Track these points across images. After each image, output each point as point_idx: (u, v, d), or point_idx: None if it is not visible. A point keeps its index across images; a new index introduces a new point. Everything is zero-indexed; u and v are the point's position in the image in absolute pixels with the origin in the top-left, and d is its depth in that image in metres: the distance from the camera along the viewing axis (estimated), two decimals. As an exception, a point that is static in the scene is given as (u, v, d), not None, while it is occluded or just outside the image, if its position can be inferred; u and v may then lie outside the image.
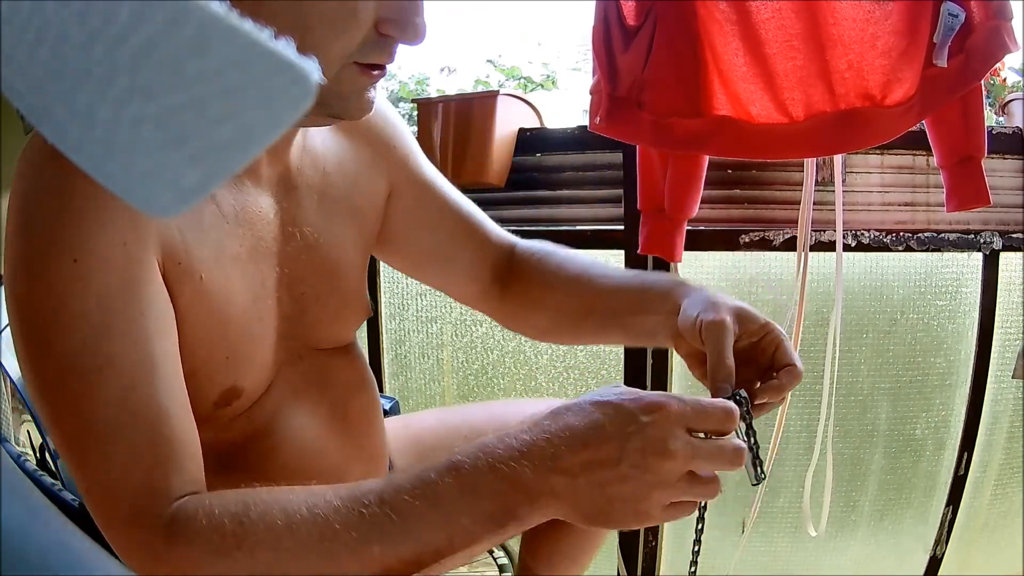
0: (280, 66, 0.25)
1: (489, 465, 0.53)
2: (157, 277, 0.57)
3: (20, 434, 1.40)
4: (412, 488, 0.53)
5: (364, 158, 0.77)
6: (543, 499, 0.53)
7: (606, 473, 0.52)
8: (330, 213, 0.72)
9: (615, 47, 1.17)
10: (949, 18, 1.04)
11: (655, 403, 0.53)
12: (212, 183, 0.27)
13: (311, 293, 0.71)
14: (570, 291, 0.84)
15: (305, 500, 0.54)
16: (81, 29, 0.25)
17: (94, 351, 0.53)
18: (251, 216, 0.64)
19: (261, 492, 0.55)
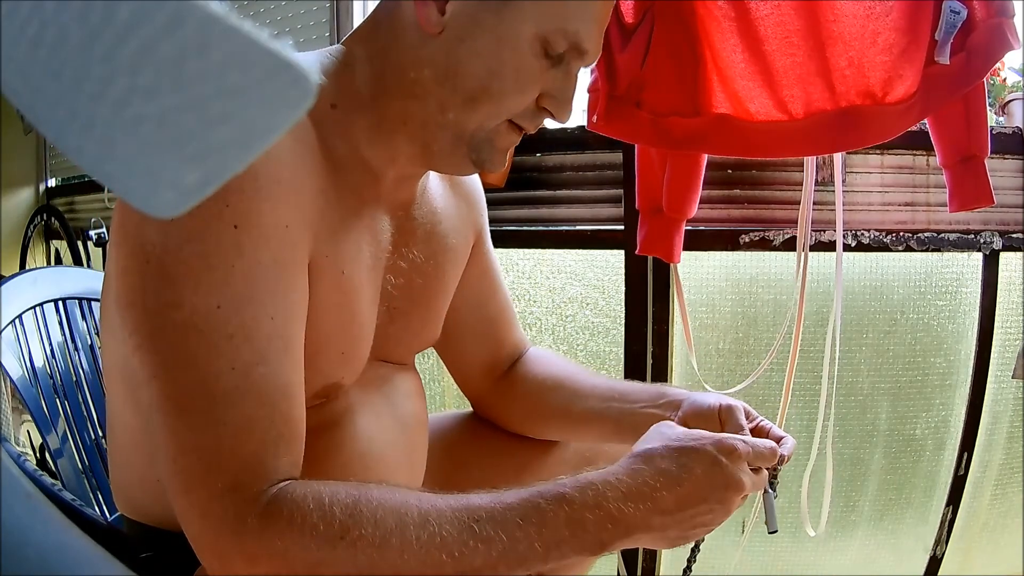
0: (280, 66, 0.25)
1: (596, 502, 0.58)
2: (305, 265, 0.59)
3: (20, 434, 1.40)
4: (522, 511, 0.57)
5: (461, 213, 0.84)
6: (639, 534, 0.60)
7: (697, 509, 0.61)
8: (434, 246, 0.77)
9: (613, 46, 1.17)
10: (951, 15, 1.04)
11: (731, 447, 0.63)
12: (212, 183, 0.27)
13: (402, 309, 0.75)
14: (565, 380, 0.90)
15: (417, 505, 0.55)
16: (81, 29, 0.25)
17: (227, 318, 0.53)
18: (378, 232, 0.70)
19: (371, 487, 0.56)
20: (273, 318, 0.55)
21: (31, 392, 0.93)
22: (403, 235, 0.73)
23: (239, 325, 0.53)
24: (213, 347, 0.53)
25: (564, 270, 1.50)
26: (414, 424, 0.79)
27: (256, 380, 0.54)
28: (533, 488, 0.59)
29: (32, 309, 0.96)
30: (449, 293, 0.84)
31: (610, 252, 1.41)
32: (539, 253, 1.50)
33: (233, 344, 0.53)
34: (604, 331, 1.48)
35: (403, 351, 0.80)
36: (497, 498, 0.57)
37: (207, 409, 0.53)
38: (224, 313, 0.53)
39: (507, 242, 1.47)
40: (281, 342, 0.55)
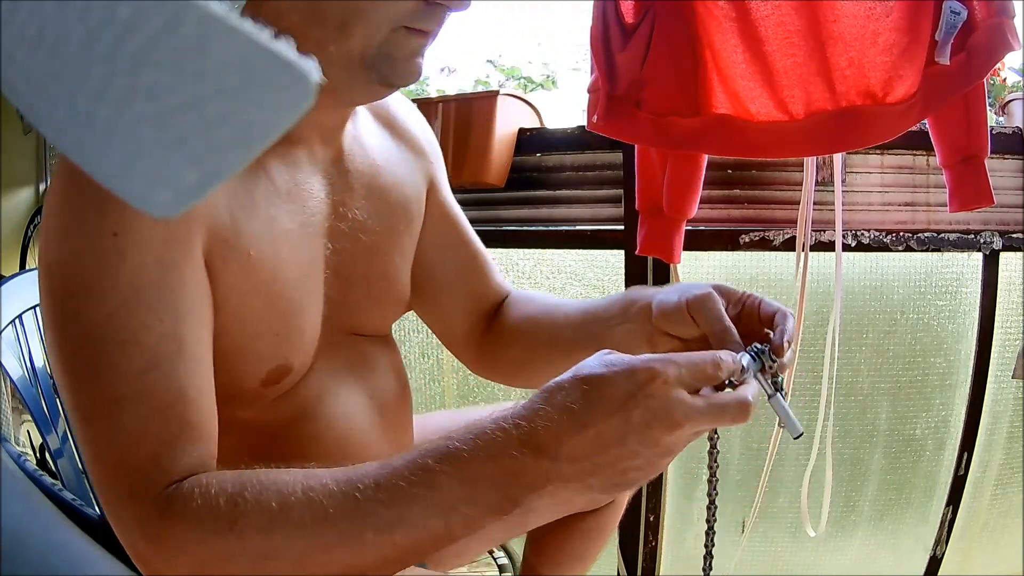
0: (280, 66, 0.25)
1: (489, 455, 0.51)
2: (197, 261, 0.57)
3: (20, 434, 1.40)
4: (410, 474, 0.52)
5: (407, 159, 0.80)
6: (550, 485, 0.51)
7: (614, 452, 0.50)
8: (378, 200, 0.73)
9: (613, 46, 1.16)
10: (951, 15, 1.04)
11: (648, 371, 0.50)
12: (212, 183, 0.27)
13: (357, 274, 0.72)
14: (541, 317, 0.85)
15: (301, 482, 0.53)
16: (81, 29, 0.25)
17: (118, 325, 0.53)
18: (303, 193, 0.66)
19: (259, 473, 0.54)
20: (162, 320, 0.54)
21: (31, 392, 0.93)
22: (338, 193, 0.70)
23: (128, 331, 0.53)
24: (106, 356, 0.53)
25: (564, 270, 1.50)
26: (393, 401, 0.77)
27: (148, 385, 0.53)
28: (422, 447, 0.53)
29: (32, 309, 0.96)
30: (407, 250, 0.79)
31: (610, 252, 1.41)
32: (539, 253, 1.50)
33: (124, 351, 0.53)
34: (604, 331, 1.48)
35: (373, 320, 0.77)
36: (386, 464, 0.53)
37: (106, 419, 0.53)
38: (115, 321, 0.53)
39: (507, 242, 1.47)
40: (173, 343, 0.55)
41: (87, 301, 0.54)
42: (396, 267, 0.77)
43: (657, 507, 1.41)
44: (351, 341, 0.74)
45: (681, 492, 1.46)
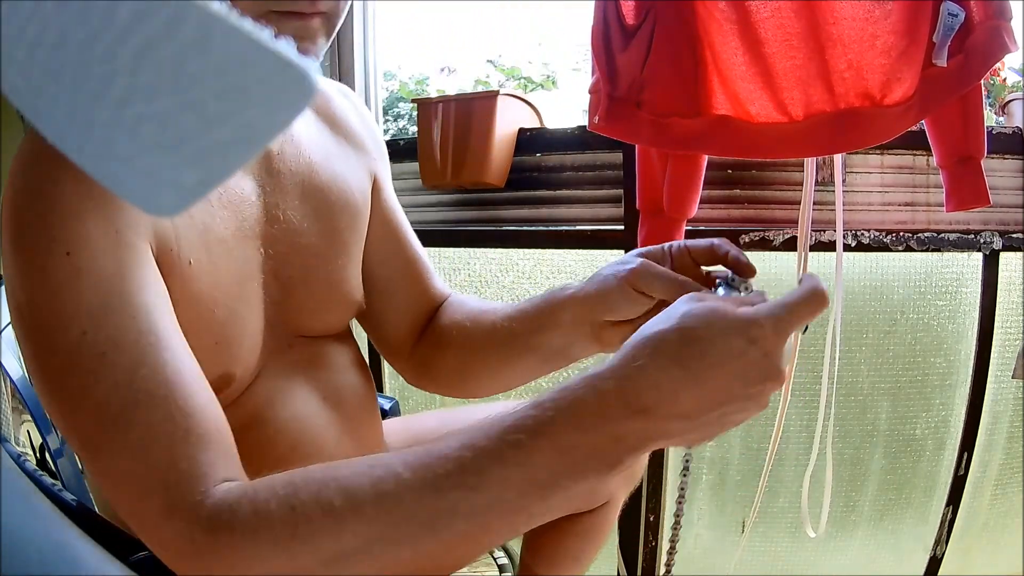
0: (280, 66, 0.25)
1: (589, 422, 0.47)
2: (151, 261, 0.57)
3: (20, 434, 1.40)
4: (500, 454, 0.47)
5: (348, 155, 0.77)
6: (653, 444, 0.49)
7: (724, 407, 0.48)
8: (316, 201, 0.71)
9: (614, 46, 1.17)
10: (949, 18, 1.04)
11: (760, 328, 0.48)
12: (212, 183, 0.27)
13: (297, 276, 0.70)
14: (470, 324, 0.82)
15: (368, 473, 0.48)
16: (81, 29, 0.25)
17: (95, 338, 0.52)
18: (234, 198, 0.64)
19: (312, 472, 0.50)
20: (135, 318, 0.53)
21: (31, 392, 0.93)
22: (271, 196, 0.68)
23: (105, 340, 0.52)
24: (92, 373, 0.51)
25: (564, 270, 1.50)
26: (352, 397, 0.75)
27: (140, 386, 0.51)
28: (505, 420, 0.49)
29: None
30: (352, 249, 0.77)
31: (610, 252, 1.41)
32: (539, 253, 1.50)
33: (106, 361, 0.51)
34: (604, 331, 1.48)
35: (319, 322, 0.74)
36: (465, 444, 0.48)
37: (110, 437, 0.51)
38: (90, 336, 0.52)
39: (507, 242, 1.47)
40: (152, 337, 0.53)
41: (58, 330, 0.52)
42: (340, 268, 0.75)
43: (657, 507, 1.41)
44: (301, 342, 0.72)
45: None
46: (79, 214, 0.53)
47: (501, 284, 1.54)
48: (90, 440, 0.52)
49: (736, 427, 0.51)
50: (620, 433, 0.47)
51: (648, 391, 0.47)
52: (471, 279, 1.56)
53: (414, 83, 2.09)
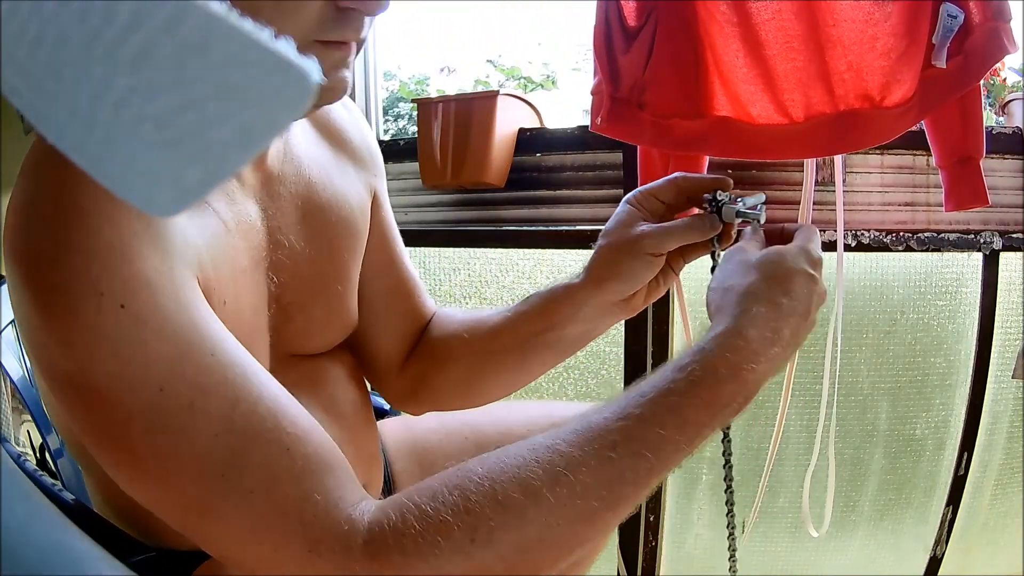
0: (280, 66, 0.25)
1: (728, 372, 0.54)
2: (203, 297, 0.51)
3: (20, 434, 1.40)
4: (659, 419, 0.50)
5: (348, 171, 0.75)
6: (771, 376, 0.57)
7: (804, 329, 0.60)
8: (316, 222, 0.68)
9: (616, 48, 1.17)
10: (948, 19, 1.04)
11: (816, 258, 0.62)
12: (212, 183, 0.27)
13: (299, 302, 0.67)
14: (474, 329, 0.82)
15: (534, 459, 0.48)
16: (81, 29, 0.25)
17: (176, 390, 0.45)
18: (246, 227, 0.61)
19: (470, 469, 0.48)
20: (213, 353, 0.47)
21: (31, 392, 0.93)
22: (273, 220, 0.64)
23: (189, 388, 0.46)
24: (182, 429, 0.45)
25: (564, 270, 1.50)
26: (350, 409, 0.74)
27: (242, 424, 0.46)
28: (657, 385, 0.52)
29: (32, 309, 0.96)
30: (350, 273, 0.74)
31: (610, 252, 1.41)
32: (539, 253, 1.50)
33: (197, 410, 0.46)
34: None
35: (317, 344, 0.72)
36: (621, 414, 0.50)
37: (225, 488, 0.45)
38: (170, 390, 0.45)
39: (507, 242, 1.47)
40: (238, 368, 0.48)
41: (127, 392, 0.45)
42: (339, 292, 0.73)
43: (657, 507, 1.41)
44: (296, 361, 0.70)
45: (681, 492, 1.46)
46: (125, 254, 0.46)
47: (501, 284, 1.54)
48: (197, 503, 0.46)
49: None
50: (747, 378, 0.54)
51: (760, 337, 0.56)
52: (471, 279, 1.56)
53: (414, 83, 2.09)
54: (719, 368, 0.53)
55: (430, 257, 1.57)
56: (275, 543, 0.45)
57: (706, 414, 0.52)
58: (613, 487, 0.48)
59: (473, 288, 1.56)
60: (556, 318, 0.77)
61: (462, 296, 1.56)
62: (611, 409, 0.51)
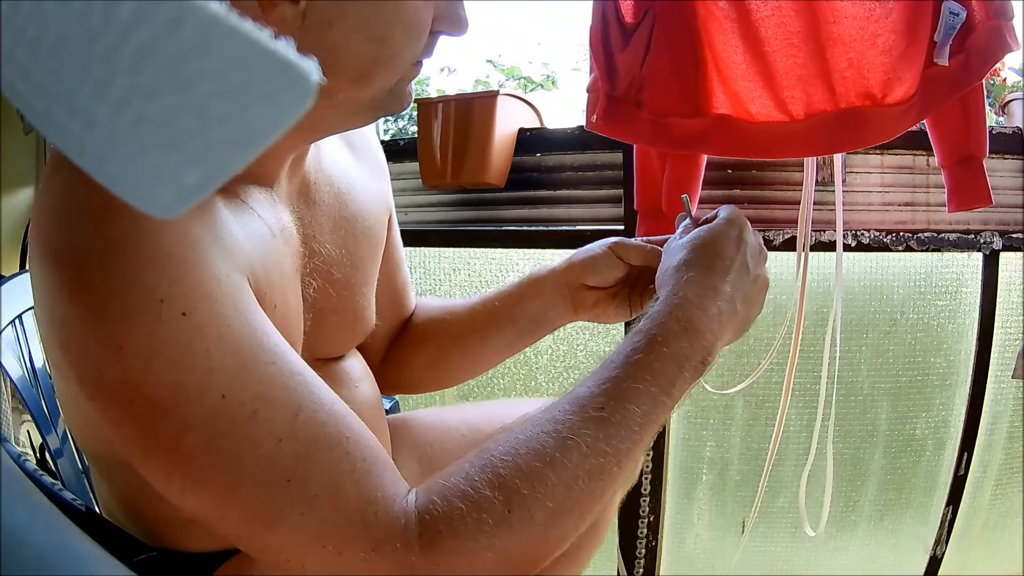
0: (280, 66, 0.25)
1: (681, 328, 0.60)
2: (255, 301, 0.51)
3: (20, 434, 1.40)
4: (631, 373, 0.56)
5: (370, 184, 0.77)
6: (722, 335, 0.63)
7: (747, 284, 0.66)
8: (345, 232, 0.70)
9: (613, 46, 1.16)
10: (950, 17, 1.04)
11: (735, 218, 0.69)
12: (212, 183, 0.27)
13: (328, 308, 0.69)
14: (444, 315, 0.89)
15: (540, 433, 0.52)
16: (81, 29, 0.25)
17: (240, 399, 0.45)
18: (286, 233, 0.62)
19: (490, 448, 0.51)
20: (275, 362, 0.47)
21: (31, 392, 0.93)
22: (308, 228, 0.66)
23: (252, 397, 0.46)
24: (246, 439, 0.45)
25: (564, 270, 1.50)
26: (366, 409, 0.76)
27: (305, 430, 0.46)
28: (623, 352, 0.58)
29: (32, 309, 0.96)
30: (372, 280, 0.77)
31: (610, 252, 1.41)
32: (539, 253, 1.50)
33: (260, 417, 0.45)
34: (604, 331, 1.48)
35: (339, 348, 0.75)
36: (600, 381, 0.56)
37: (292, 497, 0.45)
38: (232, 398, 0.45)
39: (507, 242, 1.47)
40: (299, 376, 0.49)
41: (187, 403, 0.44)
42: (365, 298, 0.75)
43: (657, 507, 1.41)
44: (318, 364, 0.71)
45: (681, 492, 1.46)
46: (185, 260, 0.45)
47: (501, 284, 1.54)
48: (261, 512, 0.46)
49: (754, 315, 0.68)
50: (700, 330, 0.60)
51: (700, 294, 0.62)
52: (471, 279, 1.56)
53: (414, 83, 2.09)
54: (670, 324, 0.60)
55: (430, 257, 1.56)
56: (339, 546, 0.46)
57: (672, 364, 0.58)
58: (612, 441, 0.53)
59: (473, 288, 1.56)
60: (522, 292, 0.85)
61: (462, 296, 1.56)
62: (591, 380, 0.57)
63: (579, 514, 0.52)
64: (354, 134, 0.78)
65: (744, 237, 0.67)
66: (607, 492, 0.53)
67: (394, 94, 0.59)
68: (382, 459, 0.50)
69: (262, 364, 0.47)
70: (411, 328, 0.91)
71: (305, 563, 0.47)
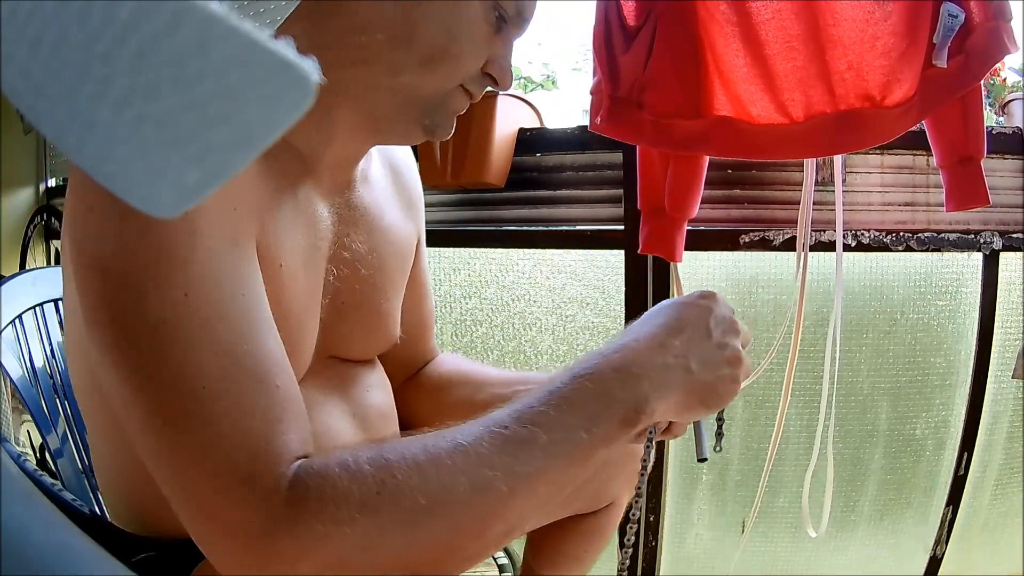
0: (281, 66, 0.25)
1: (612, 368, 0.56)
2: (255, 248, 0.55)
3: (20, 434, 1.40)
4: (546, 401, 0.53)
5: (403, 209, 0.81)
6: (664, 389, 0.57)
7: (706, 346, 0.60)
8: (379, 240, 0.74)
9: (616, 47, 1.17)
10: (949, 19, 1.04)
11: (702, 292, 0.63)
12: (212, 183, 0.27)
13: (352, 303, 0.71)
14: (471, 372, 0.89)
15: (439, 434, 0.51)
16: (81, 29, 0.25)
17: (197, 305, 0.48)
18: (310, 215, 0.65)
19: (390, 439, 0.53)
20: (244, 295, 0.51)
21: (31, 392, 0.93)
22: (343, 223, 0.69)
23: (210, 309, 0.49)
24: (188, 339, 0.48)
25: (564, 270, 1.50)
26: (376, 416, 0.77)
27: (241, 358, 0.49)
28: (545, 380, 0.56)
29: (32, 309, 0.96)
30: (399, 290, 0.80)
31: (610, 252, 1.41)
32: (539, 253, 1.50)
33: (208, 329, 0.48)
34: (604, 331, 1.48)
35: (360, 350, 0.77)
36: (517, 403, 0.54)
37: (197, 408, 0.47)
38: (192, 300, 0.48)
39: (507, 242, 1.47)
40: (258, 315, 0.52)
41: (159, 285, 0.48)
42: (390, 304, 0.78)
43: (657, 507, 1.41)
44: (334, 363, 0.74)
45: (681, 492, 1.46)
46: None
47: (501, 284, 1.54)
48: (168, 406, 0.48)
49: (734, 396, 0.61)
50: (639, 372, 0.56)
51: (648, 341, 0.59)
52: (471, 279, 1.56)
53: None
54: (600, 364, 0.56)
55: (430, 257, 1.56)
56: (218, 468, 0.47)
57: (596, 401, 0.54)
58: (506, 459, 0.50)
59: (473, 288, 1.56)
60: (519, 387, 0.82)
61: (462, 296, 1.56)
62: (509, 404, 0.55)
63: (453, 524, 0.49)
64: (395, 163, 0.81)
65: (711, 307, 0.62)
66: (492, 513, 0.50)
67: (444, 107, 0.65)
68: (300, 422, 0.51)
69: (230, 289, 0.50)
70: (432, 374, 0.92)
71: (186, 476, 0.48)
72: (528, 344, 1.52)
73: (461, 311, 1.56)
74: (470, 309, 1.56)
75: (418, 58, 0.60)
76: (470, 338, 1.56)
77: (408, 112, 0.64)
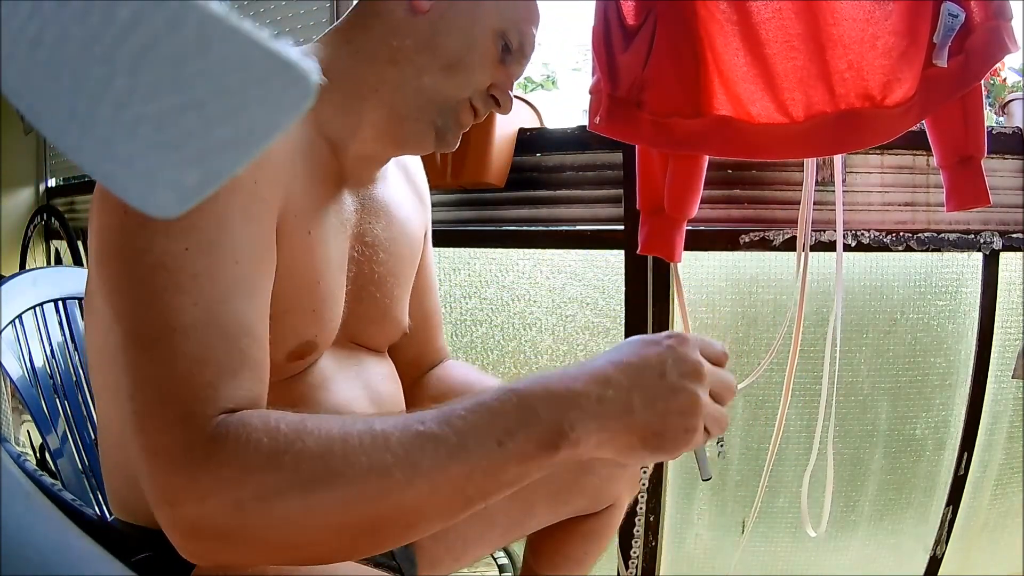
0: (280, 66, 0.25)
1: (544, 389, 0.54)
2: (273, 223, 0.61)
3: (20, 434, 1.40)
4: (469, 407, 0.54)
5: (415, 207, 0.87)
6: (598, 420, 0.54)
7: (655, 386, 0.55)
8: (394, 230, 0.80)
9: (615, 47, 1.17)
10: (949, 18, 1.04)
11: (672, 332, 0.59)
12: (212, 183, 0.27)
13: (370, 284, 0.77)
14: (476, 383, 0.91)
15: (364, 416, 0.55)
16: (81, 29, 0.25)
17: (194, 259, 0.54)
18: (340, 201, 0.73)
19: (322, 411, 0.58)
20: (238, 262, 0.56)
21: (31, 392, 0.93)
22: (366, 212, 0.77)
23: (205, 266, 0.54)
24: (178, 285, 0.53)
25: (564, 270, 1.50)
26: (389, 404, 0.80)
27: (217, 315, 0.54)
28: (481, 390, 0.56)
29: (32, 309, 0.96)
30: (409, 279, 0.86)
31: (610, 252, 1.41)
32: (539, 253, 1.50)
33: (198, 283, 0.54)
34: (604, 331, 1.48)
35: (373, 336, 0.81)
36: (444, 404, 0.55)
37: (166, 342, 0.53)
38: (191, 255, 0.54)
39: (507, 242, 1.47)
40: (246, 285, 0.56)
41: (167, 233, 0.54)
42: (402, 290, 0.83)
43: (657, 507, 1.41)
44: (353, 348, 0.79)
45: (681, 492, 1.46)
46: None
47: (501, 284, 1.54)
48: (143, 336, 0.53)
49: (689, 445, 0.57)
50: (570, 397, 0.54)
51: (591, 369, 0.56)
52: (471, 279, 1.56)
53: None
54: (533, 384, 0.55)
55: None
56: (164, 398, 0.52)
57: (517, 415, 0.53)
58: (409, 449, 0.51)
59: (473, 288, 1.56)
60: None
61: (462, 296, 1.57)
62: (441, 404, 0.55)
63: (344, 497, 0.50)
64: (406, 164, 0.88)
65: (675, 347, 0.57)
66: (384, 499, 0.51)
67: (455, 114, 0.72)
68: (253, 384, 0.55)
69: (229, 254, 0.56)
70: (438, 378, 0.94)
71: (140, 397, 0.53)
72: (528, 344, 1.52)
73: (461, 311, 1.56)
74: (470, 309, 1.56)
75: (440, 62, 0.70)
76: (470, 338, 1.56)
77: (426, 113, 0.72)
